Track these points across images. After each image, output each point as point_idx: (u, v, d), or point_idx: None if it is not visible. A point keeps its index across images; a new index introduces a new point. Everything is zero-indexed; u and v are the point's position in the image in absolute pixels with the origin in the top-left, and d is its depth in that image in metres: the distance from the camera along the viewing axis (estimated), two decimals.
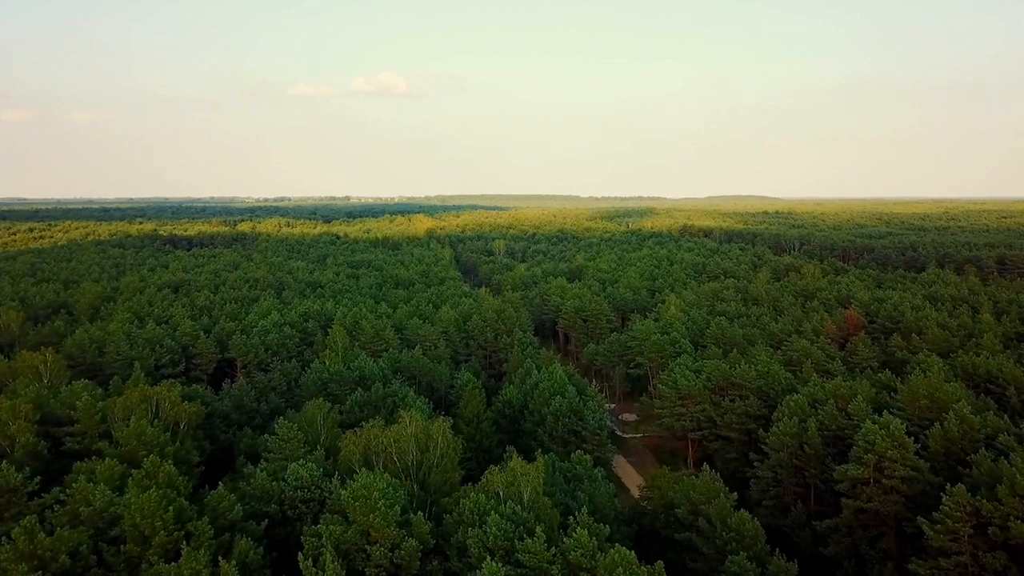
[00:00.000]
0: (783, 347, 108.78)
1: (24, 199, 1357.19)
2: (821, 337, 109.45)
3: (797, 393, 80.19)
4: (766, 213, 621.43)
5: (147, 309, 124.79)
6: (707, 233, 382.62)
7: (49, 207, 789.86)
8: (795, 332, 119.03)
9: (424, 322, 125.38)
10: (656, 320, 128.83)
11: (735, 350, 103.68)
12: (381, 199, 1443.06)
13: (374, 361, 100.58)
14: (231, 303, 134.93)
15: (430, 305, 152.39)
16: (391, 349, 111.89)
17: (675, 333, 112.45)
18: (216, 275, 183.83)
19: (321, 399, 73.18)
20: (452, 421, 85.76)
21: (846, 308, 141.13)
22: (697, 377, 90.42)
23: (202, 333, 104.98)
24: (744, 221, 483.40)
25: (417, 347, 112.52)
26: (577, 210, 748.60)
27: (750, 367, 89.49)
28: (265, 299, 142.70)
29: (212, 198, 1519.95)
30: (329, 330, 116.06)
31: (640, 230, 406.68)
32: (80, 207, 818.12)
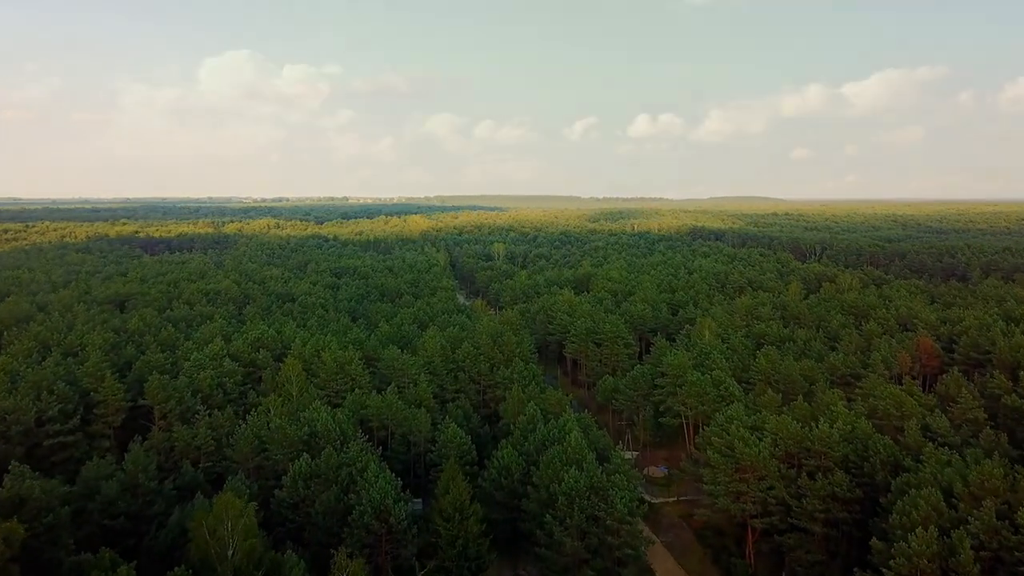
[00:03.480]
0: (858, 390, 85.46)
1: (19, 199, 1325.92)
2: (906, 379, 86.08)
3: (911, 473, 57.34)
4: (775, 215, 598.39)
5: (59, 336, 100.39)
6: (718, 236, 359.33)
7: (43, 207, 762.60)
8: (863, 366, 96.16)
9: (403, 351, 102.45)
10: (688, 348, 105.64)
11: (800, 396, 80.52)
12: (380, 199, 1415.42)
13: (332, 410, 77.68)
14: (168, 326, 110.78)
15: (415, 324, 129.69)
16: (358, 389, 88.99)
17: (717, 371, 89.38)
18: (174, 286, 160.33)
19: (231, 494, 50.10)
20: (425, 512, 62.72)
21: (909, 331, 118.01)
22: (759, 440, 67.29)
23: (108, 373, 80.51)
24: (754, 223, 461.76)
25: (392, 385, 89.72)
26: (579, 211, 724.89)
27: (831, 427, 66.36)
28: (218, 319, 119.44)
29: (210, 198, 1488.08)
30: (283, 363, 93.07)
31: (648, 232, 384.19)
32: (72, 207, 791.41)
